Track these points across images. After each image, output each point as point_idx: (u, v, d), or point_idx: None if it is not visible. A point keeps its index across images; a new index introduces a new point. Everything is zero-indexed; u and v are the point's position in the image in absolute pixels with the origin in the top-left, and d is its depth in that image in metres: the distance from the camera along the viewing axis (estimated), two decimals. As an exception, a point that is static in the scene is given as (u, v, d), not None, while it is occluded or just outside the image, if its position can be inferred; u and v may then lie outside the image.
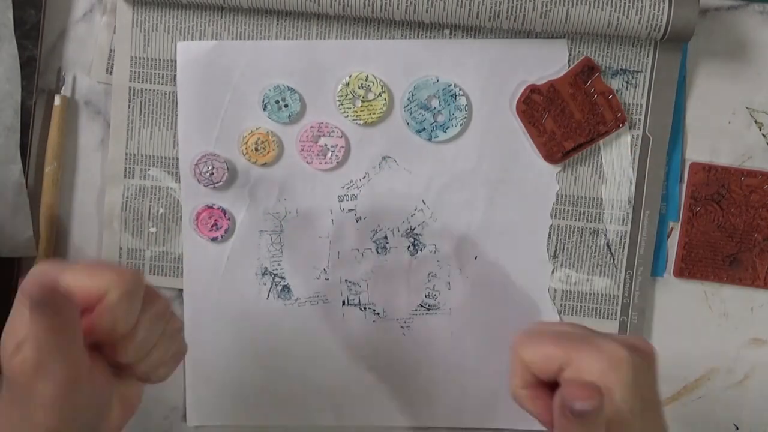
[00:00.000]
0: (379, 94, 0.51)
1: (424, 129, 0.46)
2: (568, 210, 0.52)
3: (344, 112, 0.51)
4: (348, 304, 0.53)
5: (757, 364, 0.53)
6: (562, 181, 0.52)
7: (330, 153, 0.51)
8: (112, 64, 0.52)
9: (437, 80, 0.45)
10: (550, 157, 0.51)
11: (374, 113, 0.51)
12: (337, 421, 0.54)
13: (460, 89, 0.46)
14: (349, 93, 0.51)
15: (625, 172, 0.52)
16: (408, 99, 0.46)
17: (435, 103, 0.46)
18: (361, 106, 0.51)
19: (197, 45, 0.51)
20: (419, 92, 0.45)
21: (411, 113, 0.46)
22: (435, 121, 0.46)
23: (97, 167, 0.53)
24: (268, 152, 0.51)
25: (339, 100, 0.51)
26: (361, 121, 0.51)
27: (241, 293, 0.53)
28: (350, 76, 0.51)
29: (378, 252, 0.53)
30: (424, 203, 0.52)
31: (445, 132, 0.47)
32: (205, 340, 0.53)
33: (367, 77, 0.51)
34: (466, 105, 0.45)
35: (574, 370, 0.35)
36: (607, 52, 0.51)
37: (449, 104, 0.46)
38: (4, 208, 0.50)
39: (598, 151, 0.52)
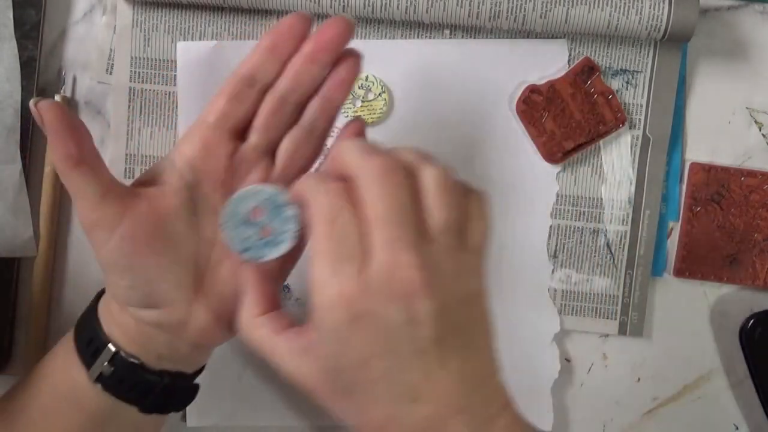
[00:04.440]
0: (379, 94, 0.51)
1: (249, 248, 0.37)
2: (568, 210, 0.52)
3: (344, 112, 0.51)
4: (348, 304, 0.53)
5: (757, 364, 0.53)
6: (562, 181, 0.52)
7: (330, 153, 0.51)
8: (112, 64, 0.52)
9: (260, 189, 0.37)
10: (550, 157, 0.51)
11: (374, 113, 0.51)
12: (336, 420, 0.54)
13: (286, 198, 0.37)
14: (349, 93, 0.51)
15: (625, 172, 0.52)
16: (228, 214, 0.37)
17: (260, 216, 0.37)
18: (361, 106, 0.51)
19: (197, 45, 0.51)
20: (240, 204, 0.37)
21: (232, 231, 0.37)
22: (261, 238, 0.37)
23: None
24: (268, 152, 0.51)
25: (339, 100, 0.51)
26: (361, 121, 0.51)
27: (241, 293, 0.53)
28: (350, 76, 0.51)
29: (378, 252, 0.53)
30: (424, 203, 0.52)
31: (276, 249, 0.37)
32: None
33: (367, 77, 0.51)
34: (295, 216, 0.36)
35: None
36: (607, 52, 0.51)
37: (277, 216, 0.37)
38: (4, 208, 0.50)
39: (598, 151, 0.52)
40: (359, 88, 0.51)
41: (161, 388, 0.40)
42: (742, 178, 0.52)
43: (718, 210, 0.52)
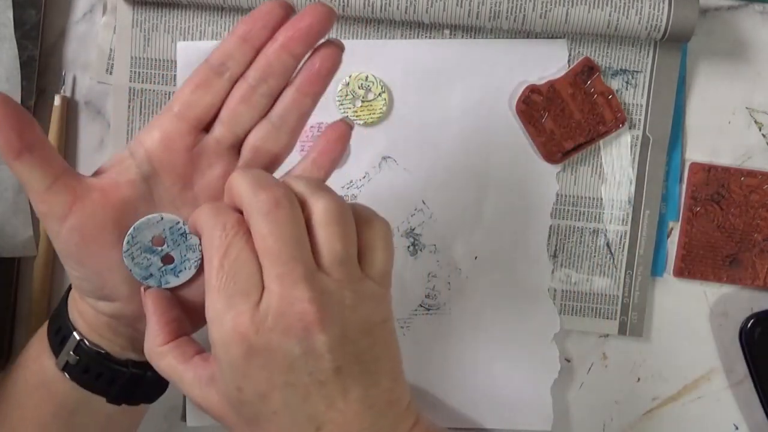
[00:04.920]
0: (379, 94, 0.51)
1: (151, 275, 0.37)
2: (568, 210, 0.52)
3: (344, 112, 0.51)
4: (348, 304, 0.53)
5: (757, 364, 0.53)
6: (562, 181, 0.52)
7: (330, 153, 0.51)
8: (112, 64, 0.52)
9: (161, 218, 0.37)
10: (550, 157, 0.51)
11: (374, 113, 0.51)
12: None
13: (187, 227, 0.38)
14: (349, 93, 0.51)
15: (625, 172, 0.52)
16: (128, 242, 0.37)
17: (162, 244, 0.37)
18: (361, 106, 0.51)
19: (197, 45, 0.51)
20: (141, 233, 0.37)
21: (133, 258, 0.37)
22: (163, 266, 0.37)
23: (97, 167, 0.53)
24: (268, 152, 0.51)
25: (339, 100, 0.51)
26: (361, 121, 0.51)
27: (241, 293, 0.53)
28: (350, 76, 0.51)
29: (378, 252, 0.53)
30: (424, 203, 0.52)
31: (177, 276, 0.37)
32: (205, 340, 0.53)
33: (367, 77, 0.51)
34: (198, 244, 0.37)
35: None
36: (607, 52, 0.51)
37: (179, 244, 0.37)
38: (4, 208, 0.50)
39: (598, 151, 0.52)
40: (359, 88, 0.51)
41: (127, 378, 0.39)
42: (742, 178, 0.52)
43: (718, 210, 0.52)
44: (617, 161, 0.52)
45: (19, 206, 0.51)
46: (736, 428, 0.54)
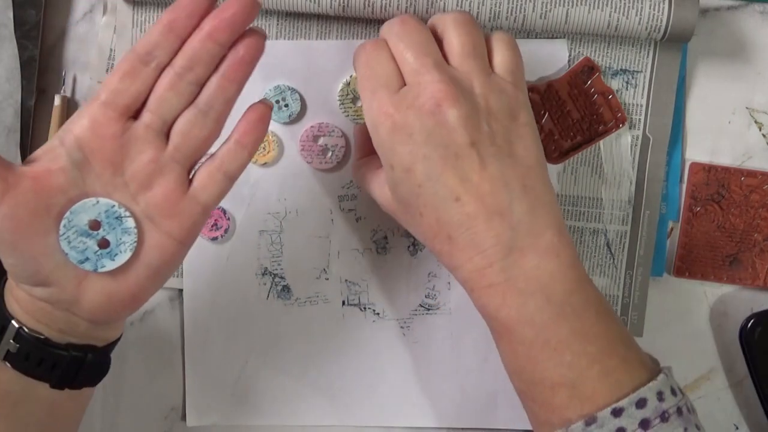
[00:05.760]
0: (379, 94, 0.51)
1: (87, 259, 0.38)
2: (568, 210, 0.52)
3: (345, 111, 0.51)
4: (348, 304, 0.53)
5: (757, 364, 0.53)
6: (562, 181, 0.52)
7: (330, 153, 0.52)
8: (112, 64, 0.52)
9: (97, 202, 0.38)
10: (549, 156, 0.51)
11: (374, 113, 0.51)
12: (337, 421, 0.54)
13: (125, 210, 0.38)
14: (349, 93, 0.51)
15: (625, 172, 0.52)
16: (65, 226, 0.38)
17: (98, 227, 0.38)
18: (362, 106, 0.51)
19: (197, 45, 0.51)
20: (77, 217, 0.38)
21: (69, 242, 0.38)
22: (99, 249, 0.38)
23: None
24: (268, 152, 0.51)
25: (339, 100, 0.51)
26: (361, 121, 0.51)
27: (241, 293, 0.53)
28: (350, 76, 0.51)
29: (378, 252, 0.53)
30: (424, 203, 0.52)
31: (113, 260, 0.38)
32: (205, 340, 0.53)
33: (367, 77, 0.51)
34: (134, 227, 0.38)
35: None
36: (607, 52, 0.51)
37: (114, 228, 0.38)
38: None
39: (598, 151, 0.52)
40: (359, 88, 0.51)
41: (68, 362, 0.40)
42: (742, 178, 0.52)
43: (718, 210, 0.52)
44: (617, 161, 0.52)
45: None
46: (736, 428, 0.54)
